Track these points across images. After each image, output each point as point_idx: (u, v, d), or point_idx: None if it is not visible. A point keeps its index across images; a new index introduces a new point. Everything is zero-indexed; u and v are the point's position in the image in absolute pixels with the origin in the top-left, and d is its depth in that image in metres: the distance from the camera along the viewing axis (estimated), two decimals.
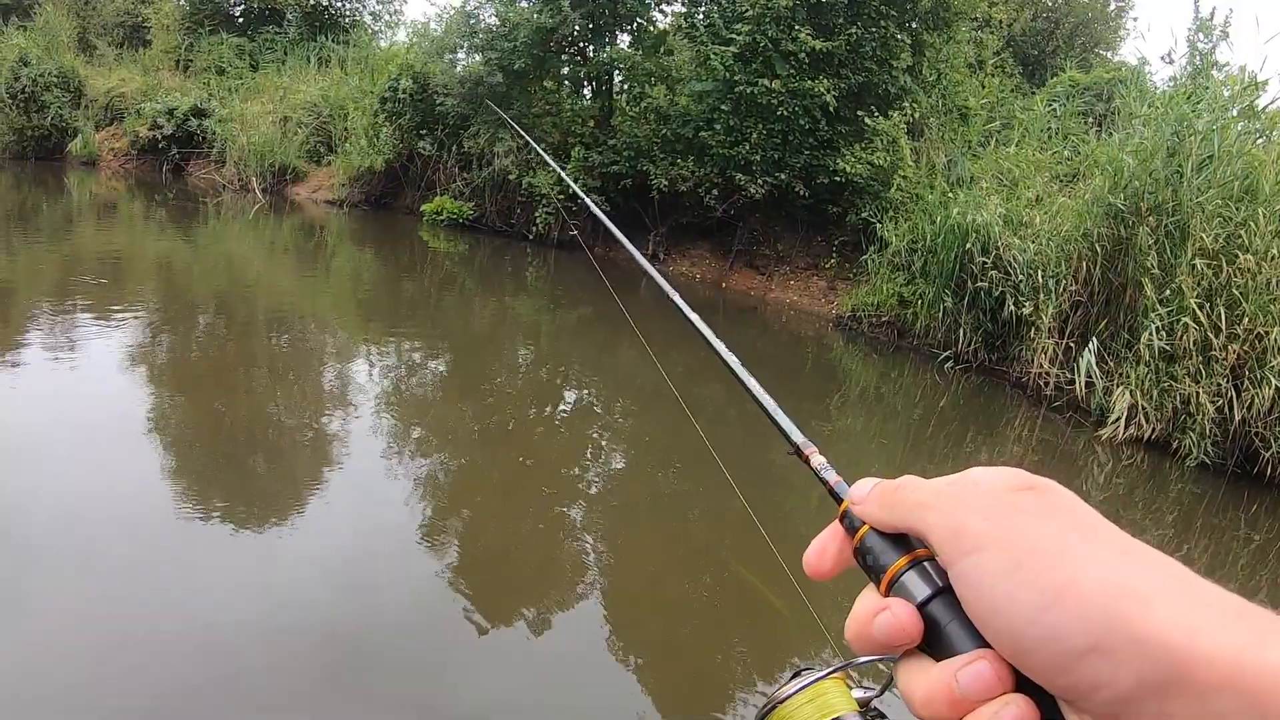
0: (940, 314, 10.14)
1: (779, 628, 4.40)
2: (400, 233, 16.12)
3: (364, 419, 6.61)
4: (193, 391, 6.97)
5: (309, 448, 6.14)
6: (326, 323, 9.93)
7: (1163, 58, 11.91)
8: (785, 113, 12.21)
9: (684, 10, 14.72)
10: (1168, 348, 7.92)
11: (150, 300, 10.03)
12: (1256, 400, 7.27)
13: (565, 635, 4.14)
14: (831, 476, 0.59)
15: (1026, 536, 0.43)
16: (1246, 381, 7.43)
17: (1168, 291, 8.12)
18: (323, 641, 3.84)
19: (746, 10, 12.26)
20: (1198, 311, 7.77)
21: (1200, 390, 7.51)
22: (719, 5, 13.34)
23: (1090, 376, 8.34)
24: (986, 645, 0.44)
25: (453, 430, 6.86)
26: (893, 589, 0.48)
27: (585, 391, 8.60)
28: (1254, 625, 0.37)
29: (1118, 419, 7.83)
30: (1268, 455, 7.17)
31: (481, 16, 15.29)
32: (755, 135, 12.47)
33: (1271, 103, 9.17)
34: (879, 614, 0.47)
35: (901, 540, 0.50)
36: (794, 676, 0.57)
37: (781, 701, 0.56)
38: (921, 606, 0.47)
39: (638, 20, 15.09)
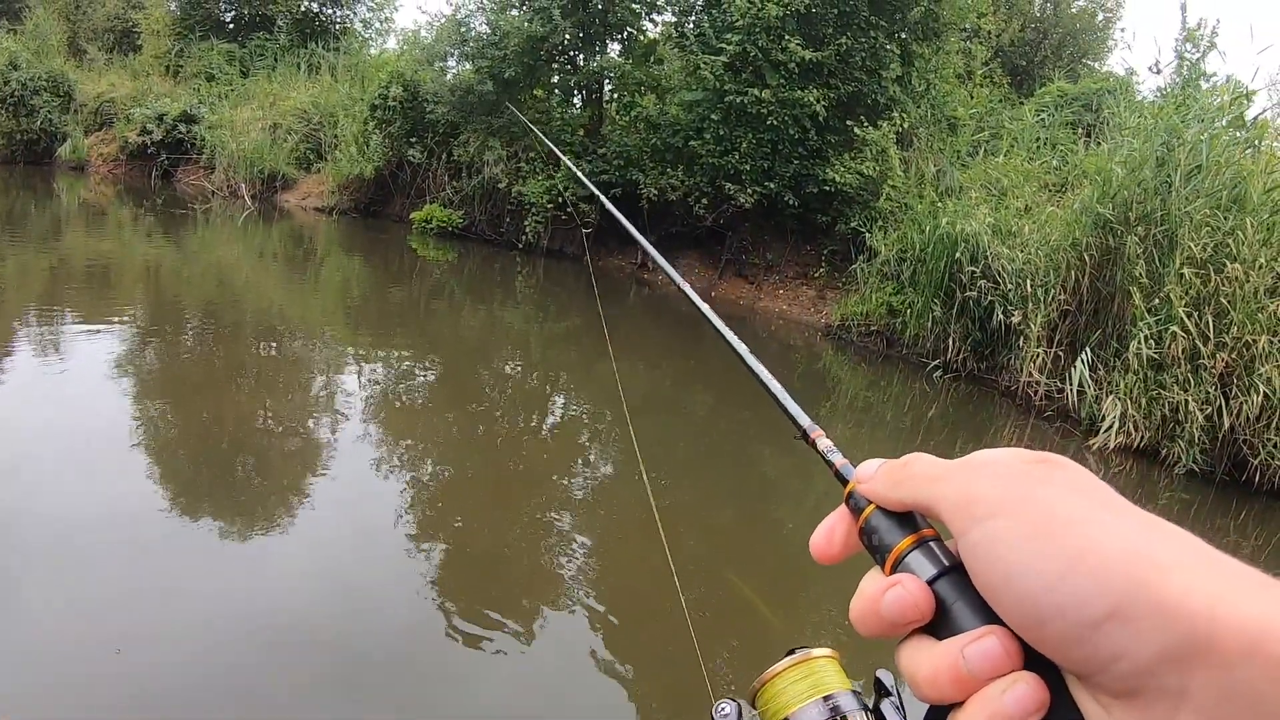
0: (929, 323, 10.15)
1: (770, 637, 4.39)
2: (389, 240, 16.09)
3: (353, 428, 6.57)
4: (181, 400, 6.92)
5: (298, 457, 6.10)
6: (315, 331, 9.89)
7: (1150, 68, 11.94)
8: (775, 122, 12.23)
9: (674, 20, 14.76)
10: (1156, 356, 7.94)
11: (139, 308, 9.98)
12: (1245, 408, 7.29)
13: (555, 644, 4.12)
14: (838, 459, 0.58)
15: (1043, 503, 0.41)
16: (1235, 389, 7.45)
17: (1156, 300, 8.14)
18: (313, 648, 3.81)
19: (737, 20, 12.28)
20: (1186, 320, 7.79)
21: (1189, 398, 7.53)
22: (709, 15, 13.37)
23: (1082, 385, 8.36)
24: (994, 623, 0.42)
25: (442, 439, 6.83)
26: (898, 569, 0.47)
27: (574, 401, 8.58)
28: (1278, 596, 0.36)
29: (1109, 427, 7.84)
30: (1256, 463, 7.20)
31: (472, 25, 15.31)
32: (745, 144, 12.49)
33: (1261, 113, 9.23)
34: (888, 590, 0.46)
35: (907, 520, 0.49)
36: (788, 654, 0.56)
37: (773, 677, 0.55)
38: (928, 585, 0.45)
39: (628, 29, 15.12)
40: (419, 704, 3.58)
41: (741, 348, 0.80)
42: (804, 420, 0.66)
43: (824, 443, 0.61)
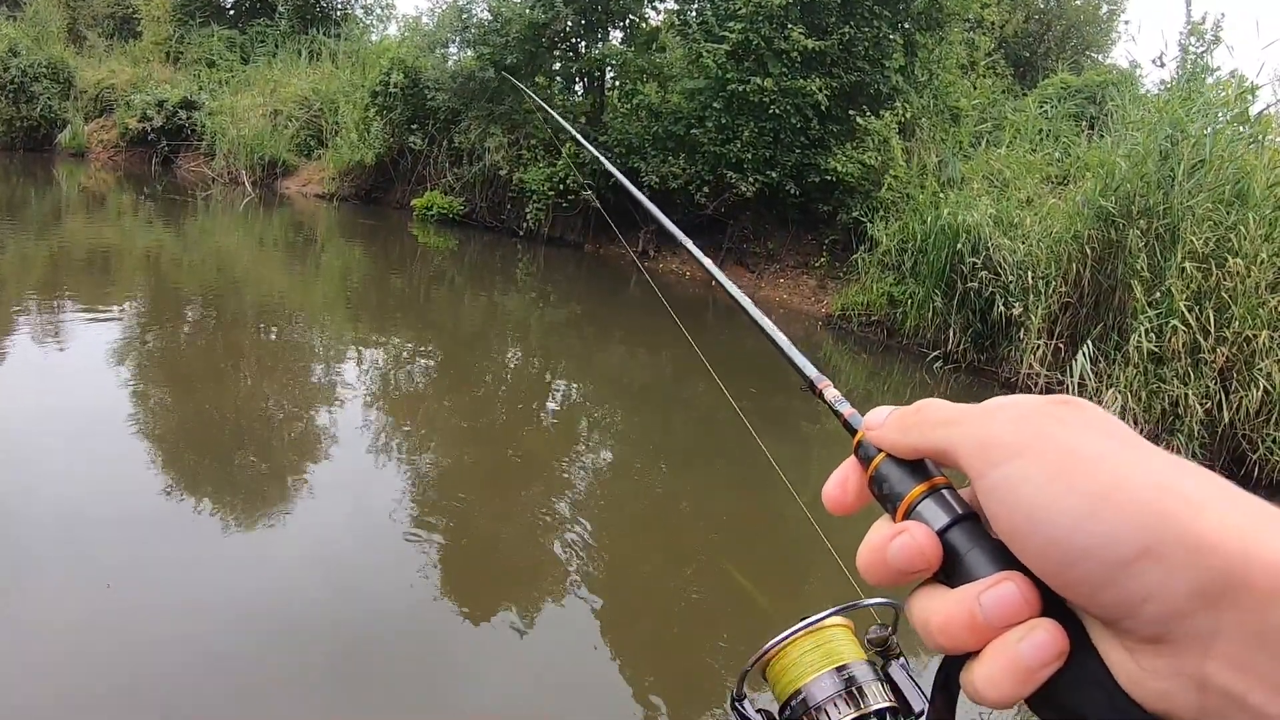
0: (930, 314, 10.13)
1: (766, 626, 4.39)
2: (390, 228, 16.06)
3: (354, 415, 6.57)
4: (181, 388, 6.92)
5: (297, 445, 6.10)
6: (316, 318, 9.88)
7: (1154, 61, 11.92)
8: (777, 111, 12.20)
9: (676, 7, 14.69)
10: (1157, 350, 7.93)
11: (139, 295, 9.97)
12: (1244, 403, 7.29)
13: (554, 634, 4.12)
14: (846, 408, 0.57)
15: (1065, 442, 0.40)
16: (1235, 384, 7.45)
17: (1157, 294, 8.13)
18: (314, 639, 3.81)
19: (739, 8, 12.23)
20: (1187, 314, 7.79)
21: (1189, 392, 7.53)
22: (711, 3, 13.30)
23: (1083, 378, 8.35)
24: (1010, 570, 0.41)
25: (442, 426, 6.83)
26: (909, 518, 0.46)
27: (574, 388, 8.57)
28: None
29: None
30: (1255, 457, 7.21)
31: (474, 11, 15.23)
32: (747, 133, 12.45)
33: (1266, 108, 9.20)
34: (895, 538, 0.44)
35: (919, 468, 0.48)
36: (799, 622, 0.54)
37: (783, 644, 0.53)
38: (940, 534, 0.44)
39: (630, 17, 15.05)
40: (418, 695, 3.59)
41: (746, 302, 0.79)
42: (810, 371, 0.64)
43: (831, 392, 0.60)
